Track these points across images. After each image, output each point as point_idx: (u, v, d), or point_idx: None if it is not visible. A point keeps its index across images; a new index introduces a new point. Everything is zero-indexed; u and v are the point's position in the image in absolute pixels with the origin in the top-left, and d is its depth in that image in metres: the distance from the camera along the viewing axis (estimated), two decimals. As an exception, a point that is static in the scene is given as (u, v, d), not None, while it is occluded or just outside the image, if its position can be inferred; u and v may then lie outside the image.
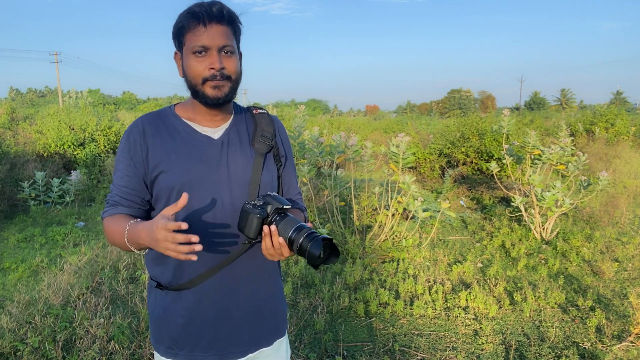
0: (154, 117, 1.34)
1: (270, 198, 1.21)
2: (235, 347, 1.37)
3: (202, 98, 1.27)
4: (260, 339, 1.41)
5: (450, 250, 5.21)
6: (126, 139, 1.30)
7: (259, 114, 1.42)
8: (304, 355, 2.97)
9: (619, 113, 13.97)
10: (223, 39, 1.24)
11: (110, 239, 1.29)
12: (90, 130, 9.72)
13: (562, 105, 63.80)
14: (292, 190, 1.50)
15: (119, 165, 1.30)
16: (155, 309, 1.38)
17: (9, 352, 2.88)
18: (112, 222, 1.27)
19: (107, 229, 1.29)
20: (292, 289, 3.95)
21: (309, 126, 8.94)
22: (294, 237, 1.14)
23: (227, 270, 1.32)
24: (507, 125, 6.26)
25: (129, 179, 1.29)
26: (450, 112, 56.41)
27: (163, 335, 1.37)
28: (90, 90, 39.61)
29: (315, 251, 1.10)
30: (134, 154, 1.28)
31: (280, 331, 1.47)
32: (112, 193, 1.31)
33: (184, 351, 1.35)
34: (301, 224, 1.16)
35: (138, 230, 1.17)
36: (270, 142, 1.38)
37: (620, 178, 8.89)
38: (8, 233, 6.12)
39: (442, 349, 3.10)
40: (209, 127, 1.34)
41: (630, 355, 2.97)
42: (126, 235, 1.20)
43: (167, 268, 1.33)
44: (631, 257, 4.86)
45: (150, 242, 1.11)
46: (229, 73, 1.25)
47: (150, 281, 1.40)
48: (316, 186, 6.66)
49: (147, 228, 1.13)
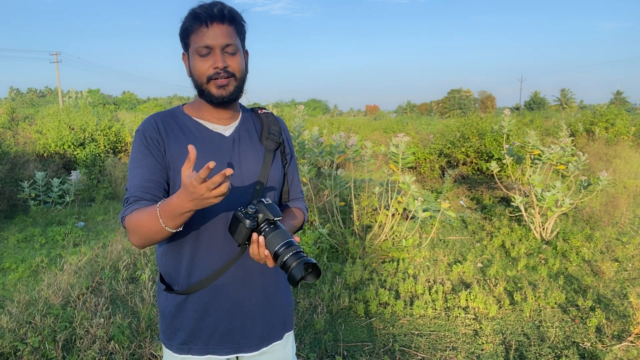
0: (165, 116, 1.36)
1: (263, 206, 1.20)
2: (249, 340, 1.39)
3: (208, 97, 1.30)
4: (271, 332, 1.44)
5: (450, 250, 5.21)
6: (141, 136, 1.30)
7: (264, 113, 1.46)
8: (304, 355, 2.97)
9: (619, 113, 13.97)
10: (225, 38, 1.26)
11: (139, 233, 1.20)
12: (90, 130, 9.72)
13: (562, 105, 63.80)
14: (295, 187, 1.53)
15: (136, 163, 1.28)
16: (167, 306, 1.38)
17: (9, 352, 2.88)
18: (137, 215, 1.20)
19: (132, 225, 1.21)
20: (292, 289, 3.95)
21: (309, 126, 8.93)
22: (280, 253, 1.16)
23: (238, 265, 1.34)
24: (508, 125, 6.26)
25: (150, 173, 1.27)
26: (450, 112, 56.42)
27: (177, 331, 1.37)
28: (90, 90, 39.63)
29: (296, 274, 1.13)
30: (152, 148, 1.29)
31: (288, 324, 1.50)
32: (131, 191, 1.26)
33: (198, 345, 1.36)
34: (290, 239, 1.17)
35: (175, 203, 1.10)
36: (278, 139, 1.43)
37: (620, 178, 8.89)
38: (8, 233, 6.12)
39: (442, 349, 3.10)
40: (219, 125, 1.37)
41: (630, 355, 2.97)
42: (159, 215, 1.13)
43: (180, 261, 1.33)
44: (631, 257, 4.86)
45: (197, 203, 1.06)
46: (233, 70, 1.28)
47: (159, 284, 1.40)
48: (316, 186, 6.66)
49: (181, 193, 1.07)
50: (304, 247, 4.80)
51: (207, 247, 1.32)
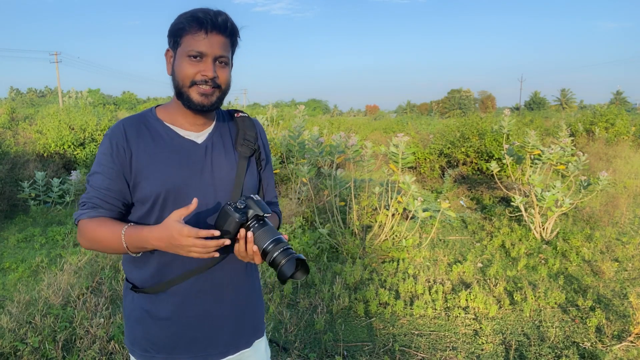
0: (135, 121, 1.31)
1: (253, 202, 1.19)
2: (214, 348, 1.37)
3: (187, 101, 1.27)
4: (239, 340, 1.41)
5: (450, 250, 5.21)
6: (108, 142, 1.26)
7: (240, 117, 1.43)
8: (304, 355, 2.97)
9: (619, 113, 13.97)
10: (221, 50, 1.25)
11: (91, 241, 1.25)
12: (90, 130, 9.72)
13: (562, 105, 63.80)
14: (270, 192, 1.51)
15: (100, 168, 1.26)
16: (133, 310, 1.36)
17: (9, 352, 2.88)
18: (96, 225, 1.23)
19: (87, 232, 1.24)
20: (292, 289, 3.95)
21: (308, 126, 8.94)
22: (269, 249, 1.15)
23: (208, 273, 1.32)
24: (508, 125, 6.26)
25: (111, 182, 1.25)
26: (450, 112, 56.42)
27: (139, 338, 1.35)
28: (90, 90, 39.59)
29: (287, 271, 1.12)
30: (117, 157, 1.25)
31: (258, 331, 1.48)
32: (90, 195, 1.26)
33: (161, 354, 1.33)
34: (279, 236, 1.16)
35: (144, 236, 1.17)
36: (253, 145, 1.39)
37: (620, 178, 8.89)
38: (8, 233, 6.12)
39: (442, 349, 3.10)
40: (192, 132, 1.33)
41: (630, 355, 2.97)
42: (124, 239, 1.19)
43: (146, 271, 1.32)
44: (631, 257, 4.86)
45: (168, 247, 1.13)
46: (220, 83, 1.27)
47: (126, 283, 1.39)
48: (316, 186, 6.66)
49: (157, 234, 1.14)
50: (305, 247, 4.80)
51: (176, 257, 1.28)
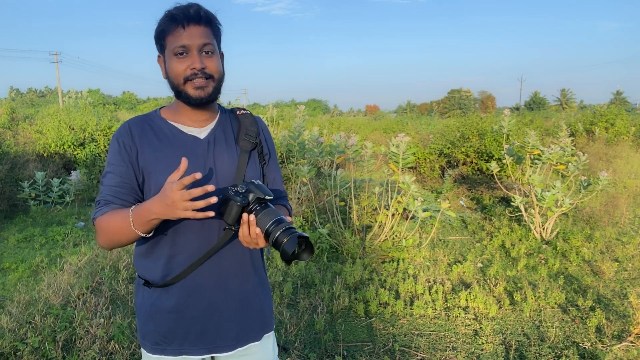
0: (140, 121, 1.37)
1: (254, 186, 1.21)
2: (223, 340, 1.39)
3: (185, 98, 1.30)
4: (248, 333, 1.43)
5: (450, 250, 5.21)
6: (116, 142, 1.33)
7: (242, 114, 1.46)
8: (304, 355, 2.97)
9: (619, 113, 13.96)
10: (202, 38, 1.27)
11: (107, 234, 1.27)
12: (90, 130, 9.71)
13: (562, 105, 63.80)
14: (277, 187, 1.52)
15: (111, 168, 1.32)
16: (143, 305, 1.39)
17: (9, 352, 2.88)
18: (108, 217, 1.26)
19: (102, 226, 1.28)
20: (292, 289, 3.95)
21: (309, 126, 8.94)
22: (271, 230, 1.15)
23: (214, 265, 1.34)
24: (508, 125, 6.25)
25: (121, 180, 1.30)
26: (450, 112, 56.41)
27: (150, 332, 1.38)
28: (90, 90, 39.57)
29: (289, 248, 1.11)
30: (125, 155, 1.31)
31: (267, 326, 1.49)
32: (103, 194, 1.31)
33: (172, 346, 1.37)
34: (280, 217, 1.17)
35: (145, 207, 1.18)
36: (254, 139, 1.42)
37: (620, 178, 8.89)
38: (8, 233, 6.12)
39: (442, 349, 3.10)
40: (194, 128, 1.37)
41: (630, 355, 2.97)
42: (131, 218, 1.20)
43: (157, 262, 1.34)
44: (631, 257, 4.86)
45: (165, 210, 1.13)
46: (211, 72, 1.29)
47: (137, 279, 1.41)
48: (316, 186, 6.66)
49: (156, 199, 1.15)
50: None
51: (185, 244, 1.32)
